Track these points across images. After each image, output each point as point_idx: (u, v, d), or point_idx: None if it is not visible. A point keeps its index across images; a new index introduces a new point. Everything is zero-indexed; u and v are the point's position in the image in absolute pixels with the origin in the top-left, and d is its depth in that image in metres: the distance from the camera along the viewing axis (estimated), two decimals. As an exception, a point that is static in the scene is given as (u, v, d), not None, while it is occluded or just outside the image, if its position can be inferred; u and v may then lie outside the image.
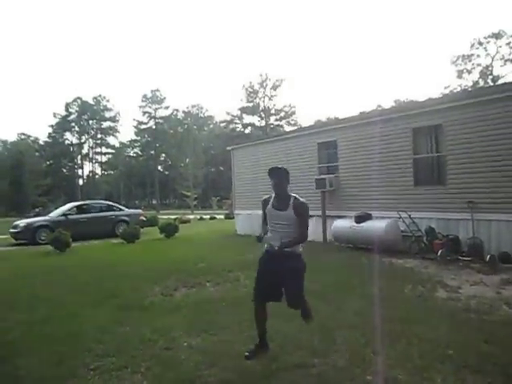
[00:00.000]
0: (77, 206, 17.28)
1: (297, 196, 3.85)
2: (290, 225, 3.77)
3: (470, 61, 49.73)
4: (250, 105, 64.41)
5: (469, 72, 50.12)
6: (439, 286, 6.47)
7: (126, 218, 17.24)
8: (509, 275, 7.02)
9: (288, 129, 57.33)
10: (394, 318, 4.82)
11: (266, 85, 63.65)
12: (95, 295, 6.36)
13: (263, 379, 3.38)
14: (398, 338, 4.19)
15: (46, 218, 16.77)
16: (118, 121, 74.33)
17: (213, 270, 8.12)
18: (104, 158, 76.36)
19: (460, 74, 50.57)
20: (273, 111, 65.08)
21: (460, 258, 8.49)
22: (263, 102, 64.49)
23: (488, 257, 8.02)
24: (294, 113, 65.32)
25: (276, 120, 65.76)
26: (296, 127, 52.56)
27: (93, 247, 13.33)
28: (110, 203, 19.00)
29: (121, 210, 17.99)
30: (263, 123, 64.67)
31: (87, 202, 19.25)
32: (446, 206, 9.36)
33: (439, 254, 8.43)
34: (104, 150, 75.61)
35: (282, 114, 65.24)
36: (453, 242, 8.77)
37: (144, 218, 18.48)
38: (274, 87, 63.68)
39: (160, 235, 15.06)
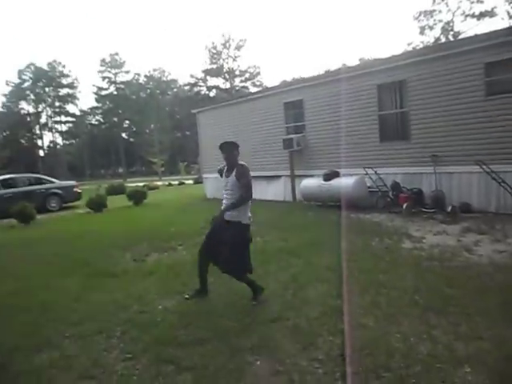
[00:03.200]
0: (0, 181, 15.48)
1: (243, 163, 4.12)
2: (234, 190, 4.06)
3: (431, 17, 49.77)
4: (214, 67, 62.75)
5: (431, 28, 50.25)
6: (405, 237, 6.72)
7: (58, 191, 15.96)
8: (469, 224, 7.36)
9: (253, 90, 56.47)
10: (362, 269, 5.00)
11: (230, 45, 61.98)
12: (65, 265, 6.26)
13: (239, 335, 3.45)
14: (367, 288, 4.36)
15: None
16: (76, 87, 70.92)
17: (183, 233, 8.11)
18: (64, 127, 73.27)
19: (422, 31, 50.65)
20: (237, 72, 63.73)
21: (424, 210, 8.82)
22: (227, 63, 62.97)
23: (449, 208, 8.37)
24: (258, 73, 64.24)
25: (241, 81, 64.55)
26: (261, 88, 51.85)
27: (58, 218, 13.01)
28: (40, 176, 17.66)
29: (52, 182, 16.48)
30: (228, 85, 63.40)
31: (12, 175, 17.08)
32: (411, 161, 9.60)
33: (404, 207, 8.72)
34: (64, 118, 72.30)
35: (247, 75, 64.02)
36: (417, 195, 9.07)
37: (79, 190, 16.92)
38: (238, 47, 62.13)
39: (128, 203, 14.84)
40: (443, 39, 48.24)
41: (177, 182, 30.98)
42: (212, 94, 63.65)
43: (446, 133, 8.96)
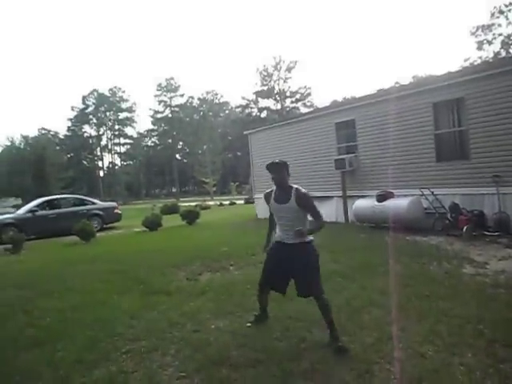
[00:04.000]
0: (46, 202, 16.32)
1: (298, 187, 3.80)
2: (293, 215, 3.74)
3: (490, 31, 47.75)
4: (265, 88, 63.73)
5: (489, 43, 48.19)
6: (466, 262, 6.37)
7: (99, 212, 16.43)
8: (538, 249, 6.86)
9: (304, 111, 56.61)
10: (420, 295, 4.78)
11: (280, 67, 62.83)
12: (122, 282, 6.49)
13: (292, 359, 3.40)
14: (425, 315, 4.16)
15: (12, 215, 15.69)
16: (134, 111, 74.95)
17: (236, 253, 8.18)
18: (123, 149, 77.23)
19: (480, 46, 48.67)
20: (288, 93, 64.29)
21: (486, 233, 8.34)
22: (278, 84, 63.76)
23: (515, 231, 7.86)
24: (309, 94, 64.39)
25: (292, 102, 64.98)
26: (312, 109, 51.85)
27: (116, 237, 13.58)
28: (82, 197, 18.35)
29: (93, 203, 17.07)
30: (279, 106, 64.06)
31: (57, 196, 18.02)
32: (470, 181, 9.15)
33: (464, 230, 8.29)
34: (122, 140, 76.41)
35: (298, 96, 64.37)
36: (478, 217, 8.60)
37: (119, 211, 17.51)
38: (289, 69, 62.83)
39: (182, 222, 15.23)
40: (503, 53, 46.11)
41: (228, 202, 31.44)
42: (263, 115, 64.50)
43: (509, 151, 8.49)
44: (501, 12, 46.76)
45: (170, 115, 71.44)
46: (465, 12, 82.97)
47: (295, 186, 3.83)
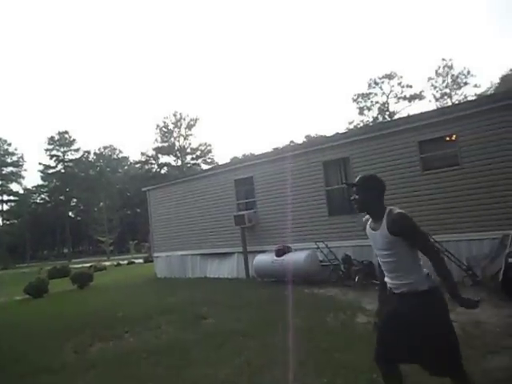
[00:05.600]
0: None
1: (392, 208, 2.74)
2: (393, 252, 2.61)
3: (368, 98, 54.61)
4: (166, 145, 63.94)
5: (369, 109, 54.91)
6: (359, 311, 6.68)
7: None
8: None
9: (205, 167, 57.57)
10: (319, 348, 4.85)
11: (181, 124, 63.90)
12: (-6, 362, 5.61)
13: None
14: (324, 369, 4.20)
15: None
16: (21, 166, 69.12)
17: (131, 318, 7.63)
18: (6, 207, 70.00)
19: (361, 111, 55.19)
20: (189, 150, 65.16)
21: (375, 281, 8.90)
22: (178, 141, 64.46)
23: (400, 279, 8.51)
24: (210, 151, 66.05)
25: (192, 159, 65.85)
26: (212, 165, 52.92)
27: (-8, 307, 11.91)
28: None
29: None
30: (179, 162, 64.34)
31: None
32: (359, 234, 9.85)
33: (356, 280, 8.79)
34: (6, 197, 69.40)
35: (198, 153, 65.56)
36: (367, 267, 9.21)
37: None
38: (189, 126, 64.12)
39: (73, 286, 13.94)
40: (380, 118, 52.51)
41: (126, 262, 29.80)
42: (163, 171, 64.11)
43: (390, 205, 9.37)
44: (376, 83, 53.83)
45: (62, 170, 67.26)
46: (348, 79, 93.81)
47: (390, 207, 2.76)
